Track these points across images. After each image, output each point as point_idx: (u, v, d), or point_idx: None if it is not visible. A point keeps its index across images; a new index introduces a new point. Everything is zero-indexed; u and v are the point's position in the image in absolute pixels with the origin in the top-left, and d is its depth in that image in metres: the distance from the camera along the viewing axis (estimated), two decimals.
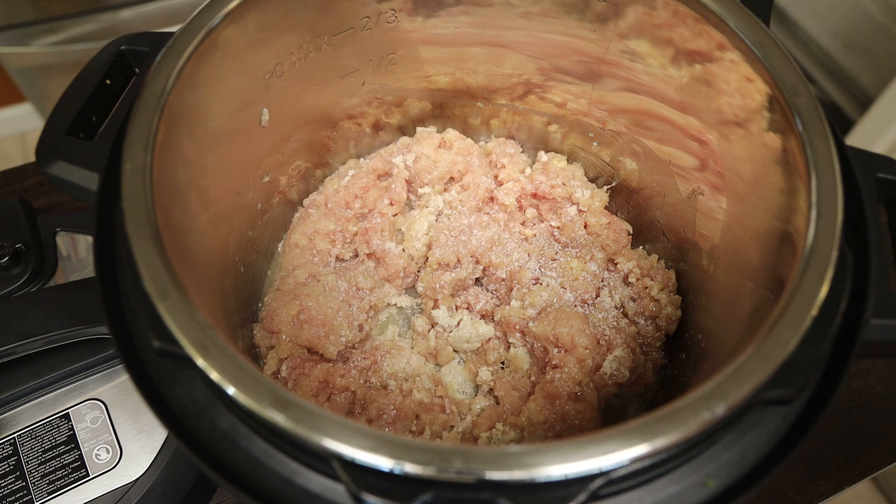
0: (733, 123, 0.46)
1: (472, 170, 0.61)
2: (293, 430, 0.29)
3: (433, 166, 0.60)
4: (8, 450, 0.49)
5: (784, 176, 0.42)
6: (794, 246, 0.37)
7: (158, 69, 0.40)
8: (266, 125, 0.51)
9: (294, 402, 0.30)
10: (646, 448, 0.29)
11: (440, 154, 0.60)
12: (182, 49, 0.41)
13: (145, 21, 1.21)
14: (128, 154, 0.37)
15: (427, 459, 0.28)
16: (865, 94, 1.38)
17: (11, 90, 1.51)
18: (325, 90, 0.55)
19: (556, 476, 0.28)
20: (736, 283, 0.47)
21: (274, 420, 0.30)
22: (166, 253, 0.34)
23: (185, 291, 0.33)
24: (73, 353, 0.51)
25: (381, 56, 0.55)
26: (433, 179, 0.61)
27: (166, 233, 0.35)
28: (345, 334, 0.52)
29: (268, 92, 0.49)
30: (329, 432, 0.29)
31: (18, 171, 0.74)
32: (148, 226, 0.35)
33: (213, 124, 0.45)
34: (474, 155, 0.61)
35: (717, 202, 0.50)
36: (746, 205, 0.46)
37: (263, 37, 0.46)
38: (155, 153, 0.37)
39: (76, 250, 0.59)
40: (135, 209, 0.35)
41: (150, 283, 0.33)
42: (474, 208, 0.60)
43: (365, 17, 0.51)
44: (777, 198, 0.42)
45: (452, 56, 0.56)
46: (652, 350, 0.55)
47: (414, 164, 0.60)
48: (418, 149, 0.60)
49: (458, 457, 0.29)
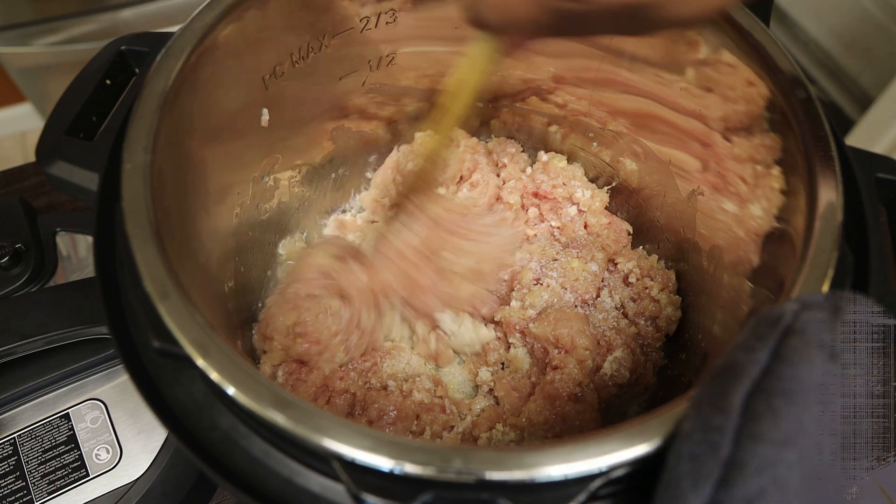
0: (733, 123, 0.46)
1: (481, 167, 0.61)
2: (293, 431, 0.29)
3: (445, 165, 0.60)
4: (8, 450, 0.49)
5: (784, 176, 0.42)
6: (794, 246, 0.37)
7: (158, 69, 0.40)
8: (266, 125, 0.51)
9: (294, 402, 0.30)
10: (646, 448, 0.29)
11: (449, 152, 0.60)
12: (182, 49, 0.41)
13: (145, 21, 1.21)
14: (128, 154, 0.37)
15: (427, 460, 0.28)
16: (865, 94, 1.37)
17: (11, 90, 1.51)
18: (324, 90, 0.54)
19: (556, 476, 0.28)
20: (736, 284, 0.47)
21: (274, 420, 0.30)
22: (166, 253, 0.34)
23: (185, 292, 0.33)
24: (73, 353, 0.51)
25: (381, 56, 0.55)
26: (447, 179, 0.60)
27: (166, 233, 0.35)
28: (339, 358, 0.51)
29: (267, 92, 0.49)
30: (329, 432, 0.29)
31: (18, 171, 0.74)
32: (148, 226, 0.35)
33: (213, 124, 0.45)
34: (480, 153, 0.62)
35: (717, 202, 0.50)
36: (747, 205, 0.46)
37: (263, 37, 0.46)
38: (155, 153, 0.37)
39: (76, 250, 0.59)
40: (135, 209, 0.35)
41: (150, 284, 0.33)
42: (486, 206, 0.60)
43: (365, 18, 0.51)
44: (777, 198, 0.42)
45: (452, 56, 0.56)
46: (652, 350, 0.55)
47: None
48: (426, 150, 0.60)
49: (458, 457, 0.29)
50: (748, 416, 0.26)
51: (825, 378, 0.26)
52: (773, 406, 0.26)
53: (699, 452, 0.27)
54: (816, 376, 0.26)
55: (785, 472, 0.25)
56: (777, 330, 0.28)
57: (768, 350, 0.27)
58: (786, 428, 0.25)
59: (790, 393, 0.26)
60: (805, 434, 0.25)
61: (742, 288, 0.45)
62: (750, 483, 0.25)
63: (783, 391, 0.26)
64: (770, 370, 0.27)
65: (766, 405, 0.26)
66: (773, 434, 0.25)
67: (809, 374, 0.26)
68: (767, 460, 0.25)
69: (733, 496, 0.25)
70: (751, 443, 0.25)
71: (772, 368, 0.27)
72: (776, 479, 0.24)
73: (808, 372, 0.26)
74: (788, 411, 0.25)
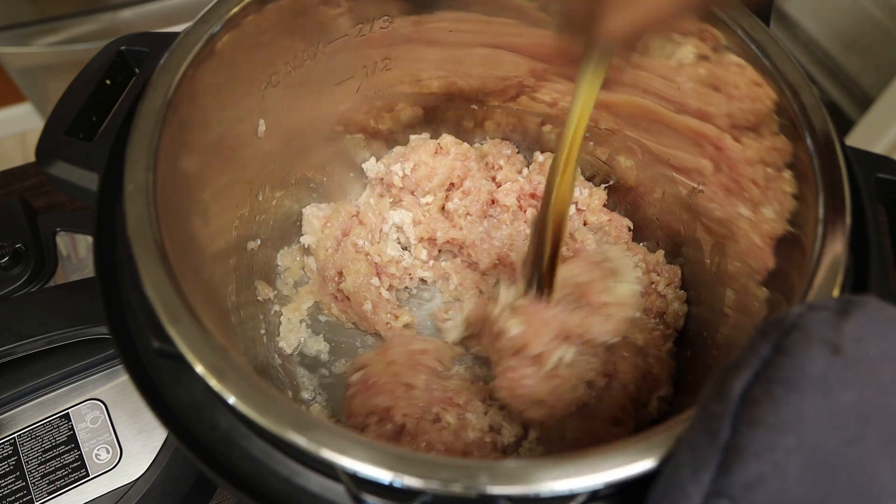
0: (739, 121, 0.46)
1: (472, 174, 0.61)
2: (311, 451, 0.30)
3: (433, 173, 0.59)
4: (8, 450, 0.49)
5: (790, 178, 0.42)
6: (804, 249, 0.37)
7: (155, 84, 0.40)
8: (262, 136, 0.51)
9: (315, 423, 0.30)
10: (650, 464, 0.29)
11: (438, 160, 0.60)
12: (178, 63, 0.40)
13: (145, 21, 1.21)
14: (129, 173, 0.37)
15: (427, 474, 0.29)
16: (865, 94, 1.37)
17: (11, 90, 1.51)
18: (319, 98, 0.54)
19: (562, 491, 0.28)
20: (740, 285, 0.47)
21: (294, 442, 0.30)
22: (175, 274, 0.34)
23: (195, 313, 0.33)
24: (73, 353, 0.51)
25: (376, 62, 0.55)
26: (434, 187, 0.60)
27: (172, 253, 0.35)
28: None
29: (263, 102, 0.49)
30: (335, 447, 0.29)
31: (18, 171, 0.74)
32: (154, 247, 0.35)
33: (211, 137, 0.45)
34: (471, 159, 0.61)
35: (717, 201, 0.50)
36: (750, 205, 0.46)
37: (259, 46, 0.46)
38: (157, 171, 0.37)
39: (76, 250, 0.59)
40: (140, 231, 0.35)
41: (160, 308, 0.33)
42: (480, 213, 0.60)
43: (359, 24, 0.51)
44: (784, 200, 0.42)
45: (447, 59, 0.56)
46: (662, 351, 0.54)
47: (412, 172, 0.60)
48: (415, 157, 0.60)
49: (460, 472, 0.29)
50: (746, 403, 0.26)
51: (827, 370, 0.26)
52: (771, 392, 0.26)
53: (698, 440, 0.27)
54: (818, 368, 0.26)
55: (784, 458, 0.24)
56: (781, 327, 0.28)
57: (770, 344, 0.27)
58: (784, 413, 0.25)
59: (789, 381, 0.26)
60: (804, 421, 0.25)
61: (748, 289, 0.45)
62: (749, 468, 0.25)
63: (782, 379, 0.26)
64: (770, 361, 0.27)
65: (765, 391, 0.26)
66: (770, 419, 0.25)
67: (810, 365, 0.26)
68: (765, 445, 0.25)
69: (732, 483, 0.25)
70: (748, 428, 0.25)
71: (772, 359, 0.27)
72: (775, 463, 0.24)
73: (808, 363, 0.26)
74: (787, 398, 0.25)
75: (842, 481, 0.24)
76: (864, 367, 0.26)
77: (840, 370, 0.26)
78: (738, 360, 0.28)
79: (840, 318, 0.27)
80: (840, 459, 0.25)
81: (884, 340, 0.27)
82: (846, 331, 0.27)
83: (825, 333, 0.27)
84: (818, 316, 0.28)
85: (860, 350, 0.26)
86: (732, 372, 0.28)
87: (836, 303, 0.28)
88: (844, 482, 0.24)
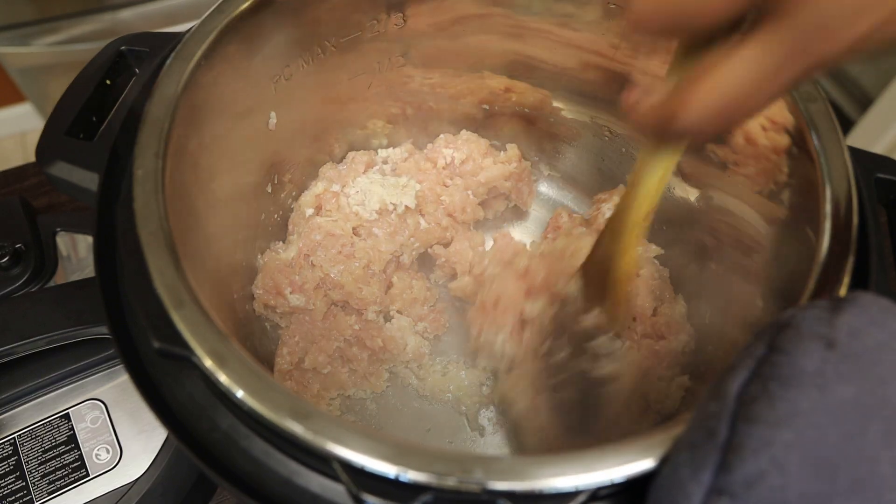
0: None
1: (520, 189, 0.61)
2: (309, 441, 0.29)
3: (479, 170, 0.59)
4: (8, 450, 0.49)
5: (798, 183, 0.42)
6: (810, 252, 0.37)
7: (169, 72, 0.40)
8: (273, 129, 0.51)
9: (312, 412, 0.30)
10: (650, 463, 0.29)
11: (487, 162, 0.59)
12: (192, 52, 0.41)
13: (145, 21, 1.21)
14: (139, 159, 0.37)
15: (428, 467, 0.28)
16: (865, 94, 1.37)
17: (11, 90, 1.51)
18: (332, 93, 0.54)
19: (566, 488, 0.28)
20: (745, 288, 0.47)
21: (292, 430, 0.30)
22: (180, 260, 0.34)
23: (198, 300, 0.33)
24: (73, 353, 0.51)
25: (390, 59, 0.55)
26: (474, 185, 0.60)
27: (179, 239, 0.35)
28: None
29: (276, 95, 0.49)
30: (336, 439, 0.29)
31: (18, 171, 0.74)
32: (161, 233, 0.35)
33: (222, 128, 0.45)
34: (524, 181, 0.61)
35: (725, 205, 0.50)
36: (756, 207, 0.46)
37: (273, 40, 0.46)
38: (166, 158, 0.37)
39: (76, 250, 0.59)
40: (147, 215, 0.35)
41: (163, 292, 0.33)
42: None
43: (374, 20, 0.51)
44: (793, 203, 0.42)
45: (461, 58, 0.56)
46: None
47: (460, 165, 0.59)
48: (466, 149, 0.59)
49: (459, 465, 0.29)
50: (743, 401, 0.26)
51: (822, 365, 0.26)
52: (767, 389, 0.26)
53: (697, 440, 0.27)
54: (813, 363, 0.26)
55: (782, 453, 0.24)
56: (774, 327, 0.28)
57: (764, 344, 0.28)
58: (781, 409, 0.25)
59: (785, 377, 0.26)
60: (801, 416, 0.25)
61: (752, 293, 0.45)
62: (748, 465, 0.25)
63: (778, 376, 0.26)
64: (765, 359, 0.27)
65: (761, 388, 0.26)
66: (767, 415, 0.25)
67: (805, 360, 0.26)
68: (763, 441, 0.25)
69: (732, 480, 0.25)
70: (746, 425, 0.26)
71: (767, 358, 0.27)
72: (774, 459, 0.24)
73: (803, 359, 0.26)
74: (783, 394, 0.25)
75: (842, 475, 0.24)
76: (860, 360, 0.26)
77: (836, 364, 0.26)
78: (735, 362, 0.28)
79: (833, 313, 0.27)
80: (839, 453, 0.25)
81: (880, 330, 0.27)
82: (840, 324, 0.27)
83: (819, 329, 0.27)
84: (811, 313, 0.28)
85: (855, 342, 0.26)
86: (729, 373, 0.28)
87: (828, 300, 0.28)
88: (844, 476, 0.24)
